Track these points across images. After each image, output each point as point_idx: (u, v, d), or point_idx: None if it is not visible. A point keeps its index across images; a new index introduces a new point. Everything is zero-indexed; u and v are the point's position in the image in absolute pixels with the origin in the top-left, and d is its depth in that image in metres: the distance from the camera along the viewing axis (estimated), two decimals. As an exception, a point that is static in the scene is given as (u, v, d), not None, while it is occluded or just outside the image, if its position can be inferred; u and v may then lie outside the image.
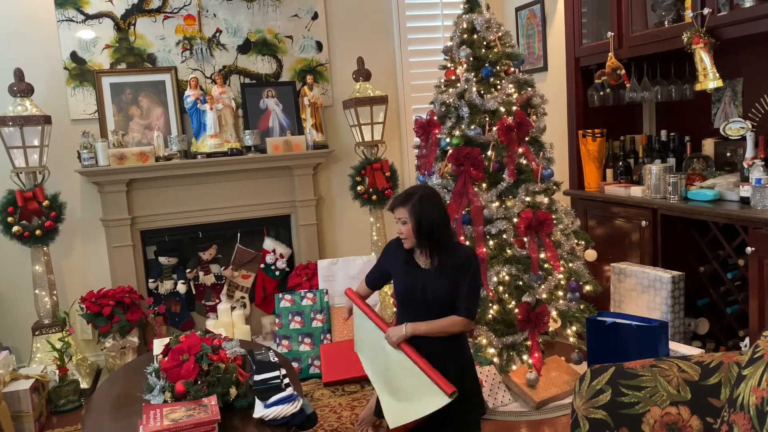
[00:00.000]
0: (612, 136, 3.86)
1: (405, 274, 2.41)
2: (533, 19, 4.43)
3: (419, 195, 2.37)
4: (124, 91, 4.00)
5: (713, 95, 3.40)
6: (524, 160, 3.24)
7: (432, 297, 2.35)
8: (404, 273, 2.41)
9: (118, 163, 3.79)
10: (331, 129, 4.44)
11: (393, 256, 2.48)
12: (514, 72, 3.38)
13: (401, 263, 2.42)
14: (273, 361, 2.52)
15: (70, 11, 3.90)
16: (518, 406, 3.08)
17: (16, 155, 3.55)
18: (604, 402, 1.82)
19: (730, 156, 3.29)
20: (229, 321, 4.11)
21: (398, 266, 2.44)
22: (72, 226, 3.92)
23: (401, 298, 2.44)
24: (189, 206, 4.09)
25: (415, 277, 2.38)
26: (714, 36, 2.90)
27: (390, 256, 2.50)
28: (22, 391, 3.09)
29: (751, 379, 1.63)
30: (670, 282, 3.12)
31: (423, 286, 2.36)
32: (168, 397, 2.22)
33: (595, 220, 3.78)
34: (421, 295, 2.36)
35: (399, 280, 2.45)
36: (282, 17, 4.30)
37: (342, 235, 4.57)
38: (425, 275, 2.37)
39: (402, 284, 2.43)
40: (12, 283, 3.88)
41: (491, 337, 3.13)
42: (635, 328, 2.88)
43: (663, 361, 1.88)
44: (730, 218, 2.86)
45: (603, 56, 3.53)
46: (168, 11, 4.08)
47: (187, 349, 2.32)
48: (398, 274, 2.45)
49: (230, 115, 4.09)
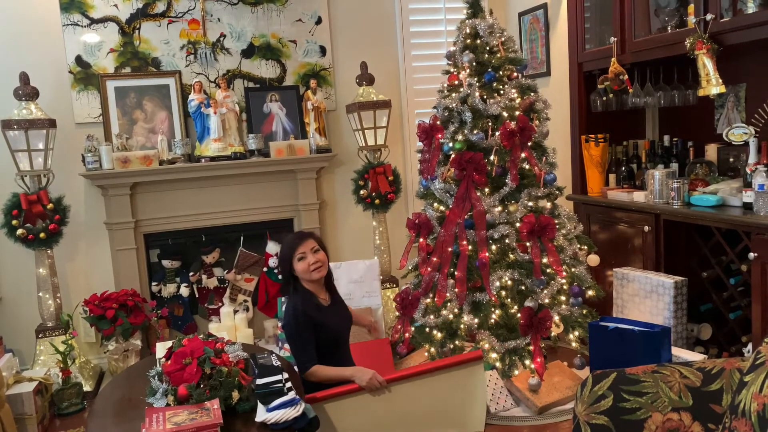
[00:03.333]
0: (615, 141, 3.86)
1: (331, 316, 2.47)
2: (536, 24, 4.44)
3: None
4: (129, 95, 4.02)
5: (716, 101, 3.40)
6: (527, 164, 3.24)
7: (350, 325, 2.51)
8: (330, 316, 2.47)
9: (122, 166, 3.81)
10: (334, 133, 4.45)
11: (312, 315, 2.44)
12: (517, 77, 3.38)
13: (322, 312, 2.46)
14: (275, 365, 2.51)
15: (76, 15, 3.92)
16: (520, 411, 3.08)
17: (20, 158, 3.57)
18: (606, 407, 1.82)
19: (733, 161, 3.28)
20: (232, 324, 4.12)
21: (322, 316, 2.45)
22: (76, 229, 3.93)
23: (337, 338, 2.48)
24: (192, 210, 4.10)
25: (336, 314, 2.48)
26: (717, 42, 2.90)
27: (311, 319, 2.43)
28: (25, 394, 3.10)
29: (753, 386, 1.63)
30: (672, 287, 3.12)
31: (343, 317, 2.50)
32: (170, 401, 2.23)
33: (597, 225, 3.78)
34: (347, 327, 2.48)
35: (331, 324, 2.47)
36: (286, 22, 4.32)
37: (345, 239, 4.57)
38: (338, 308, 2.50)
39: (335, 326, 2.48)
40: (16, 286, 3.90)
41: (494, 342, 3.13)
42: (638, 333, 2.88)
43: (665, 367, 1.88)
44: (733, 224, 2.86)
45: (606, 61, 3.54)
46: (172, 16, 4.10)
47: (189, 352, 2.32)
48: (328, 321, 2.46)
49: (234, 119, 4.10)
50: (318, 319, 2.41)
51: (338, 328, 2.45)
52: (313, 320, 2.40)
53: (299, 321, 2.38)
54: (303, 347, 2.35)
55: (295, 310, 2.40)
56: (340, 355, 2.43)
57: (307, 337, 2.36)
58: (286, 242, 2.51)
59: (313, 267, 2.40)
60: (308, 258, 2.39)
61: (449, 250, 3.22)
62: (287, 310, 2.44)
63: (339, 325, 2.45)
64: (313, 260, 2.39)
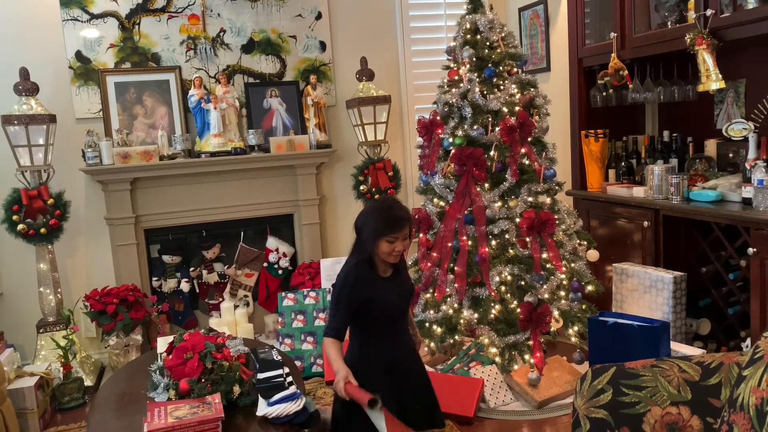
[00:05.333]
0: (614, 136, 3.86)
1: (386, 288, 2.30)
2: (536, 19, 4.44)
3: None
4: (129, 91, 4.02)
5: (716, 96, 3.41)
6: (527, 160, 3.25)
7: (409, 298, 2.38)
8: (385, 288, 2.30)
9: (122, 161, 3.81)
10: (334, 129, 4.46)
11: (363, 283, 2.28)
12: (517, 72, 3.39)
13: (378, 284, 2.29)
14: (276, 360, 2.53)
15: (75, 11, 3.92)
16: (520, 406, 3.09)
17: (21, 154, 3.57)
18: (605, 402, 1.83)
19: (732, 157, 3.29)
20: (233, 319, 4.13)
21: (377, 289, 2.28)
22: (76, 225, 3.94)
23: (390, 311, 2.32)
24: (193, 205, 4.10)
25: (392, 287, 2.31)
26: (717, 37, 2.90)
27: (359, 288, 2.27)
28: (26, 389, 3.11)
29: (752, 380, 1.64)
30: (671, 282, 3.13)
31: (401, 291, 2.34)
32: (172, 395, 2.24)
33: (597, 221, 3.78)
34: (404, 301, 2.35)
35: (385, 296, 2.30)
36: (286, 17, 4.31)
37: (345, 235, 4.58)
38: (396, 281, 2.34)
39: (389, 298, 2.31)
40: (17, 281, 3.90)
41: (493, 337, 3.14)
42: (637, 328, 2.89)
43: (664, 362, 1.89)
44: (732, 219, 2.87)
45: (606, 57, 3.54)
46: (172, 11, 4.09)
47: (191, 347, 2.34)
48: (382, 293, 2.29)
49: (234, 114, 4.10)
50: (370, 293, 2.26)
51: (392, 302, 2.28)
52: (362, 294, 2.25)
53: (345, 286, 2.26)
54: (334, 313, 2.24)
55: (347, 276, 2.28)
56: (395, 328, 2.31)
57: (343, 307, 2.23)
58: (385, 217, 2.24)
59: (395, 254, 2.26)
60: (396, 245, 2.23)
61: (449, 246, 3.23)
62: (343, 268, 2.32)
63: (394, 299, 2.29)
64: (400, 248, 2.25)
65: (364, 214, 2.33)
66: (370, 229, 2.25)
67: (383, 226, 2.22)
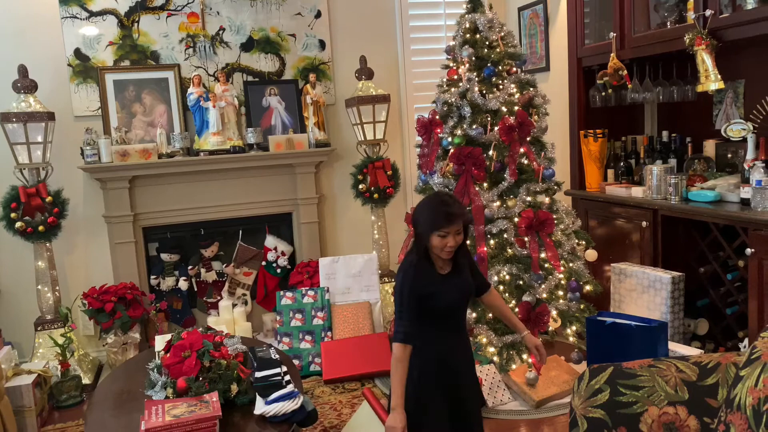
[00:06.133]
0: (613, 136, 3.87)
1: (444, 285, 2.24)
2: (536, 19, 4.44)
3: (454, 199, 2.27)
4: (128, 88, 4.02)
5: (715, 97, 3.41)
6: (525, 160, 3.25)
7: (468, 296, 2.30)
8: (442, 285, 2.24)
9: (120, 159, 3.81)
10: (333, 127, 4.45)
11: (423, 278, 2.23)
12: (516, 72, 3.39)
13: (435, 281, 2.24)
14: (274, 358, 2.53)
15: (74, 8, 3.91)
16: (517, 405, 3.09)
17: (19, 151, 3.56)
18: (603, 401, 1.83)
19: (731, 157, 3.29)
20: (231, 318, 4.13)
21: (434, 286, 2.23)
22: (75, 223, 3.93)
23: (447, 308, 2.26)
24: (191, 203, 4.10)
25: (450, 284, 2.25)
26: (716, 37, 2.90)
27: (420, 282, 2.22)
28: (24, 387, 3.10)
29: (748, 380, 1.64)
30: (670, 282, 3.13)
31: (460, 288, 2.27)
32: (169, 393, 2.24)
33: (595, 221, 3.78)
34: (462, 298, 2.28)
35: (441, 292, 2.24)
36: (285, 15, 4.31)
37: (343, 234, 4.58)
38: (455, 278, 2.27)
39: (446, 295, 2.25)
40: (15, 279, 3.90)
41: (491, 336, 3.14)
42: (635, 328, 2.89)
43: (661, 362, 1.89)
44: (731, 219, 2.87)
45: (605, 57, 3.54)
46: (171, 9, 4.09)
47: (189, 345, 2.34)
48: (438, 290, 2.23)
49: (233, 112, 4.10)
50: (427, 289, 2.21)
51: (449, 298, 2.25)
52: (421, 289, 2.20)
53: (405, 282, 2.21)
54: (399, 315, 2.19)
55: (406, 271, 2.23)
56: (452, 325, 2.29)
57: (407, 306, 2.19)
58: (436, 212, 2.20)
59: (447, 249, 2.21)
60: (448, 240, 2.18)
61: (448, 245, 3.23)
62: (402, 265, 2.28)
63: (451, 296, 2.26)
64: (452, 243, 2.19)
65: (418, 207, 2.29)
66: (422, 223, 2.23)
67: (434, 220, 2.19)
